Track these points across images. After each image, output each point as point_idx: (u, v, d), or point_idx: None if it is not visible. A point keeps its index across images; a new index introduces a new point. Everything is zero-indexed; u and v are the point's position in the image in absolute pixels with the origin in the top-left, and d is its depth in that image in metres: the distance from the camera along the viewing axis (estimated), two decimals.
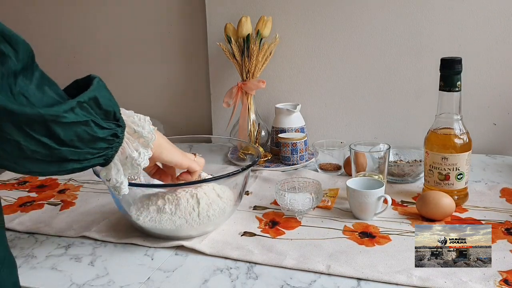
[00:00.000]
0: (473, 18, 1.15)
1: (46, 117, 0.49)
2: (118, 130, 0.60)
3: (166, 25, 1.45)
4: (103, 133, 0.57)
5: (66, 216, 0.92)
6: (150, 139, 0.65)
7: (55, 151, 0.51)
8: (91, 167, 0.59)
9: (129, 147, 0.63)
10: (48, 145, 0.50)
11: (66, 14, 1.55)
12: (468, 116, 0.95)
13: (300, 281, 0.67)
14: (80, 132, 0.53)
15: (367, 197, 0.83)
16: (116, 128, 0.59)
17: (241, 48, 1.22)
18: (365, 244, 0.76)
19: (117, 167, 0.63)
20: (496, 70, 1.17)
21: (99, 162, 0.59)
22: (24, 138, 0.48)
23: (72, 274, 0.72)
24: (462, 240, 0.66)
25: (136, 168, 0.64)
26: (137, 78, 1.53)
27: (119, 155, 0.62)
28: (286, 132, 1.20)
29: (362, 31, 1.24)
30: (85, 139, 0.54)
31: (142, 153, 0.64)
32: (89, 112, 0.54)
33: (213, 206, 0.79)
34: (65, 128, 0.51)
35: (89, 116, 0.54)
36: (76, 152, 0.54)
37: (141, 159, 0.64)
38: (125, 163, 0.63)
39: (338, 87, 1.29)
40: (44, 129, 0.49)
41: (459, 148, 0.87)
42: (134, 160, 0.63)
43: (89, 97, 0.55)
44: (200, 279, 0.69)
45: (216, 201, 0.80)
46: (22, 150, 0.49)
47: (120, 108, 0.61)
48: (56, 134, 0.50)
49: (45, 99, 0.50)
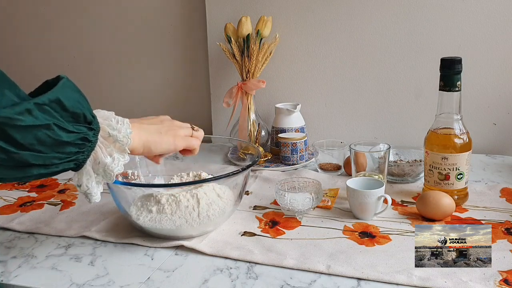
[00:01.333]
0: (473, 18, 1.15)
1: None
2: (89, 134, 0.56)
3: (166, 25, 1.45)
4: (69, 137, 0.53)
5: (66, 216, 0.92)
6: (125, 143, 0.61)
7: (14, 155, 0.49)
8: (61, 172, 0.56)
9: (102, 152, 0.59)
10: (5, 149, 0.48)
11: (66, 14, 1.55)
12: (468, 116, 0.95)
13: (300, 281, 0.67)
14: (40, 135, 0.50)
15: (367, 197, 0.83)
16: (87, 131, 0.56)
17: (241, 48, 1.22)
18: (365, 244, 0.76)
19: (88, 173, 0.59)
20: (496, 70, 1.17)
21: (70, 167, 0.56)
22: None
23: (72, 274, 0.72)
24: (462, 240, 0.66)
25: (109, 175, 0.60)
26: (137, 78, 1.53)
27: (91, 160, 0.58)
28: (286, 132, 1.20)
29: (362, 31, 1.24)
30: (48, 143, 0.51)
31: (117, 158, 0.60)
32: (51, 115, 0.51)
33: (213, 206, 0.79)
34: (21, 131, 0.48)
35: (51, 119, 0.51)
36: (40, 156, 0.51)
37: (114, 165, 0.60)
38: (97, 169, 0.60)
39: (338, 87, 1.29)
40: None
41: (459, 148, 0.87)
42: (106, 166, 0.59)
43: (50, 99, 0.51)
44: (200, 279, 0.69)
45: (216, 201, 0.80)
46: None
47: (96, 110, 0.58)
48: (12, 137, 0.48)
49: (3, 102, 0.47)
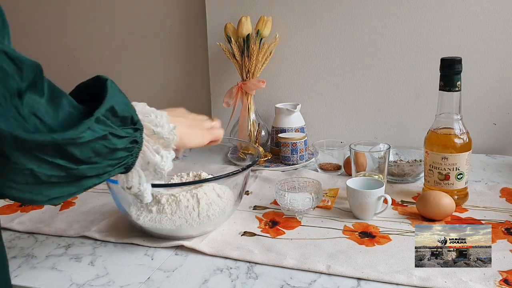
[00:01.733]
0: (473, 18, 1.15)
1: (60, 141, 0.44)
2: (137, 136, 0.54)
3: (166, 25, 1.45)
4: (122, 143, 0.52)
5: (66, 216, 0.92)
6: (172, 140, 0.59)
7: (73, 171, 0.47)
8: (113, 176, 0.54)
9: (150, 151, 0.57)
10: (65, 166, 0.46)
11: (66, 14, 1.55)
12: (468, 116, 0.95)
13: (300, 281, 0.67)
14: (98, 147, 0.49)
15: (367, 197, 0.83)
16: (134, 133, 0.54)
17: (241, 48, 1.22)
18: (365, 244, 0.76)
19: (138, 174, 0.58)
20: (496, 70, 1.17)
21: (120, 171, 0.55)
22: (37, 165, 0.44)
23: (72, 274, 0.72)
24: (462, 240, 0.66)
25: (160, 173, 0.58)
26: (137, 78, 1.53)
27: (139, 160, 0.56)
28: (286, 132, 1.20)
29: (362, 31, 1.24)
30: (104, 153, 0.49)
31: (165, 155, 0.59)
32: (106, 124, 0.50)
33: (213, 206, 0.79)
34: (82, 147, 0.47)
35: (107, 129, 0.50)
36: (95, 167, 0.49)
37: (164, 162, 0.58)
38: (147, 168, 0.58)
39: (338, 87, 1.29)
40: (59, 153, 0.45)
41: (459, 148, 0.87)
42: (156, 165, 0.58)
43: (107, 109, 0.50)
44: (200, 279, 0.69)
45: (216, 201, 0.80)
46: (36, 177, 0.44)
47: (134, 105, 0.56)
48: (72, 155, 0.46)
49: (60, 115, 0.46)
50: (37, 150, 0.43)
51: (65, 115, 0.46)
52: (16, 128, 0.41)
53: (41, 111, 0.44)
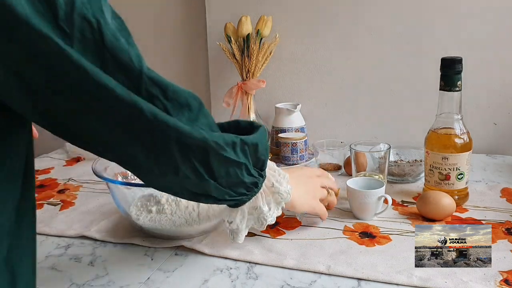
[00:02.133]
0: (473, 18, 1.15)
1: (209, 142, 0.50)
2: (259, 180, 0.60)
3: (166, 25, 1.45)
4: (248, 179, 0.57)
5: (66, 216, 0.92)
6: (285, 198, 0.65)
7: (204, 182, 0.52)
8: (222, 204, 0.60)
9: (262, 199, 0.62)
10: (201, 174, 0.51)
11: None
12: (469, 116, 0.95)
13: (300, 281, 0.67)
14: (231, 171, 0.54)
15: (367, 197, 0.83)
16: (259, 177, 0.60)
17: (241, 48, 1.22)
18: (365, 244, 0.76)
19: (243, 214, 0.63)
20: (496, 70, 1.17)
21: (231, 204, 0.60)
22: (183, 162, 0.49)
23: (72, 274, 0.72)
24: (462, 240, 0.65)
25: (261, 222, 0.64)
26: None
27: (250, 203, 0.62)
28: (286, 132, 1.20)
29: (362, 31, 1.24)
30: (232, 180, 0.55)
31: (272, 209, 0.64)
32: (247, 156, 0.55)
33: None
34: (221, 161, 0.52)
35: (245, 160, 0.55)
36: (220, 189, 0.54)
37: (269, 215, 0.63)
38: (252, 213, 0.63)
39: (338, 87, 1.29)
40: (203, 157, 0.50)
41: (460, 148, 0.87)
42: (262, 214, 0.63)
43: (253, 142, 0.55)
44: (200, 279, 0.69)
45: None
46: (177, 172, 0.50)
47: None
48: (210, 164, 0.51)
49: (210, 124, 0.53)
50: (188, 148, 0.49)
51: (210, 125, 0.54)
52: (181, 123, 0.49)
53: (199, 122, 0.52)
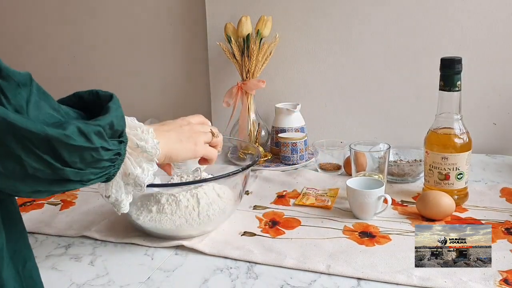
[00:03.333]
0: (473, 18, 1.15)
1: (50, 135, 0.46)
2: (121, 148, 0.56)
3: (166, 25, 1.45)
4: (107, 155, 0.53)
5: (66, 216, 0.92)
6: (154, 154, 0.61)
7: (58, 171, 0.48)
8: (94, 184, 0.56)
9: (131, 163, 0.59)
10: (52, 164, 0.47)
11: (66, 14, 1.55)
12: (468, 116, 0.95)
13: (300, 281, 0.67)
14: (86, 156, 0.50)
15: (367, 197, 0.83)
16: (119, 145, 0.55)
17: (241, 48, 1.22)
18: (365, 244, 0.76)
19: (118, 185, 0.59)
20: (496, 70, 1.17)
21: (102, 180, 0.56)
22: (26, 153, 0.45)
23: (72, 274, 0.72)
24: (462, 240, 0.66)
25: (140, 185, 0.60)
26: (137, 78, 1.53)
27: (121, 172, 0.58)
28: (286, 132, 1.20)
29: (362, 31, 1.24)
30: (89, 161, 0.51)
31: (146, 168, 0.60)
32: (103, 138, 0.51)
33: (213, 206, 0.79)
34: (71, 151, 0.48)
35: (102, 143, 0.51)
36: (79, 173, 0.50)
37: (144, 175, 0.60)
38: (127, 180, 0.59)
39: (338, 87, 1.29)
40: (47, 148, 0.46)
41: (459, 148, 0.87)
42: (137, 177, 0.59)
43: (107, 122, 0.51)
44: (200, 279, 0.69)
45: (216, 200, 0.80)
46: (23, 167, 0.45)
47: None
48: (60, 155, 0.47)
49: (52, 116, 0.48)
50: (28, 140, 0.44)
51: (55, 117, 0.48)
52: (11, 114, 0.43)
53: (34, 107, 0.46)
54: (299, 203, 0.93)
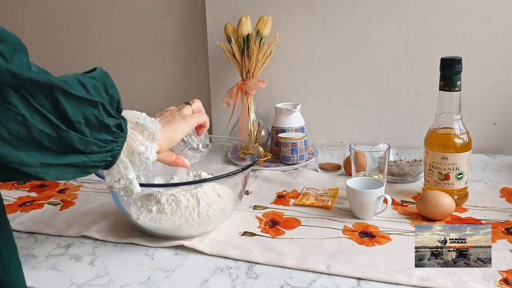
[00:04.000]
0: (473, 18, 1.15)
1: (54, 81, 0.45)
2: (123, 123, 0.56)
3: (166, 25, 1.45)
4: (110, 121, 0.53)
5: (66, 215, 0.92)
6: (155, 129, 0.61)
7: (63, 135, 0.47)
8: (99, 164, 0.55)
9: (135, 142, 0.59)
10: (56, 124, 0.46)
11: (66, 14, 1.55)
12: (468, 116, 0.95)
13: (300, 281, 0.67)
14: (88, 113, 0.50)
15: (367, 197, 0.83)
16: (120, 118, 0.56)
17: (241, 48, 1.22)
18: (365, 244, 0.76)
19: (126, 164, 0.59)
20: (496, 70, 1.17)
21: (106, 158, 0.55)
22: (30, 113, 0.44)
23: (72, 273, 0.72)
24: (462, 240, 0.66)
25: (145, 163, 0.60)
26: (137, 78, 1.53)
27: (124, 151, 0.58)
28: (286, 132, 1.20)
29: (362, 31, 1.24)
30: (92, 124, 0.51)
31: (149, 146, 0.60)
32: (99, 93, 0.51)
33: (213, 205, 0.79)
34: (73, 102, 0.47)
35: (100, 98, 0.51)
36: (84, 140, 0.50)
37: (148, 152, 0.60)
38: (133, 159, 0.59)
39: (338, 87, 1.29)
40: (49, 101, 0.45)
41: (459, 148, 0.87)
42: (141, 155, 0.59)
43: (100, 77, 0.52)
44: (200, 279, 0.69)
45: (216, 200, 0.80)
46: (28, 129, 0.44)
47: None
48: (63, 109, 0.47)
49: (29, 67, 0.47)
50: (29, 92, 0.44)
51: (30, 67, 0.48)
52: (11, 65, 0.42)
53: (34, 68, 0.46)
54: (299, 203, 0.93)
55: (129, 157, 0.59)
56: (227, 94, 1.25)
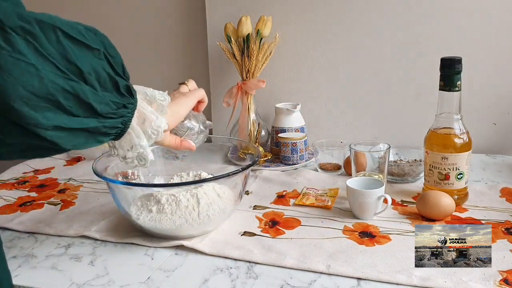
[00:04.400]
0: (473, 18, 1.15)
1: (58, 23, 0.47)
2: (131, 86, 0.56)
3: (166, 25, 1.45)
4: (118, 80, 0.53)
5: (66, 215, 0.92)
6: (165, 101, 0.61)
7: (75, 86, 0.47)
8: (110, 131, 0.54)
9: (146, 111, 0.59)
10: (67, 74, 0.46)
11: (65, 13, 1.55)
12: (468, 116, 0.95)
13: (300, 281, 0.67)
14: (95, 64, 0.50)
15: (367, 197, 0.83)
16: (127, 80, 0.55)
17: (241, 48, 1.22)
18: (365, 244, 0.76)
19: (137, 132, 0.58)
20: (496, 70, 1.17)
21: (117, 125, 0.55)
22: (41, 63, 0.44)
23: (72, 274, 0.72)
24: (462, 240, 0.66)
25: (156, 132, 0.59)
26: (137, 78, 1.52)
27: (135, 119, 0.57)
28: (286, 132, 1.20)
29: (362, 31, 1.24)
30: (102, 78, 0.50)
31: (159, 116, 0.60)
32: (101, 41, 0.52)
33: (213, 205, 0.79)
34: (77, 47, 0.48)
35: (101, 46, 0.51)
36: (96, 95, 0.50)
37: (159, 122, 0.59)
38: (144, 128, 0.59)
39: (338, 87, 1.29)
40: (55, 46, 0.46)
41: (459, 148, 0.87)
42: (152, 122, 0.59)
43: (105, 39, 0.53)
44: (200, 279, 0.69)
45: (216, 200, 0.80)
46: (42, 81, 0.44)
47: None
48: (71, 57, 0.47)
49: None
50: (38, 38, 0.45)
51: None
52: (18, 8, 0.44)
53: None
54: (299, 203, 0.93)
55: (140, 125, 0.59)
56: (227, 94, 1.25)
